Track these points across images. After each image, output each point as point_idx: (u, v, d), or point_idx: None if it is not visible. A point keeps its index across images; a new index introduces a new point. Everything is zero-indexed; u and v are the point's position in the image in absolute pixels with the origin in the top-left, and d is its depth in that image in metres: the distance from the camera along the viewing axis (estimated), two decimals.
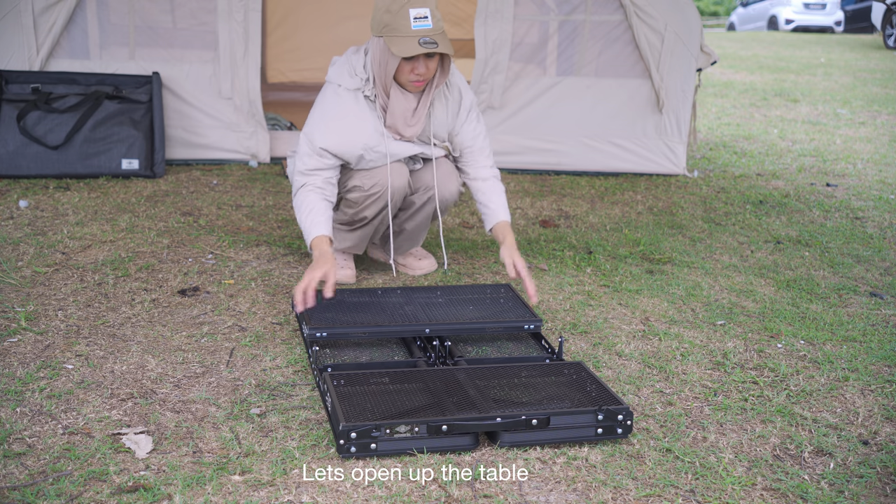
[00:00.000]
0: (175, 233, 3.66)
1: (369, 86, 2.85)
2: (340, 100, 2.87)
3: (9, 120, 4.36)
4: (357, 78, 2.86)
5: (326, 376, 2.24)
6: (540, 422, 2.09)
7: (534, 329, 2.65)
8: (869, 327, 2.99)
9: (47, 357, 2.47)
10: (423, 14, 2.67)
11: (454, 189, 3.04)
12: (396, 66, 2.75)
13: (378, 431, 2.02)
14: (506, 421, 2.08)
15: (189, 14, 4.71)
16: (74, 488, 1.86)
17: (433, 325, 2.59)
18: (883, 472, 2.08)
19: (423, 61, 2.75)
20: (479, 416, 2.09)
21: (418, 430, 2.05)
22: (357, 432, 2.00)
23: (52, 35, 4.50)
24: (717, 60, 5.10)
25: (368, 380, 2.27)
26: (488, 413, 2.10)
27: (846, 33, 19.99)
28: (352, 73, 2.87)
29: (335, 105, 2.87)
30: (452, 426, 2.05)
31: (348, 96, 2.86)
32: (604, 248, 3.75)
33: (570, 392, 2.25)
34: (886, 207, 4.72)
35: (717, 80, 10.52)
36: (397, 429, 2.04)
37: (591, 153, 5.11)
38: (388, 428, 2.03)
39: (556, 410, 2.13)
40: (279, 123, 5.21)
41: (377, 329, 2.57)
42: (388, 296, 2.82)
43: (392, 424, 2.03)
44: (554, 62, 5.03)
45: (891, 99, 9.19)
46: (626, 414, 2.13)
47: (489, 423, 2.08)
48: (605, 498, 1.92)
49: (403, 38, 2.67)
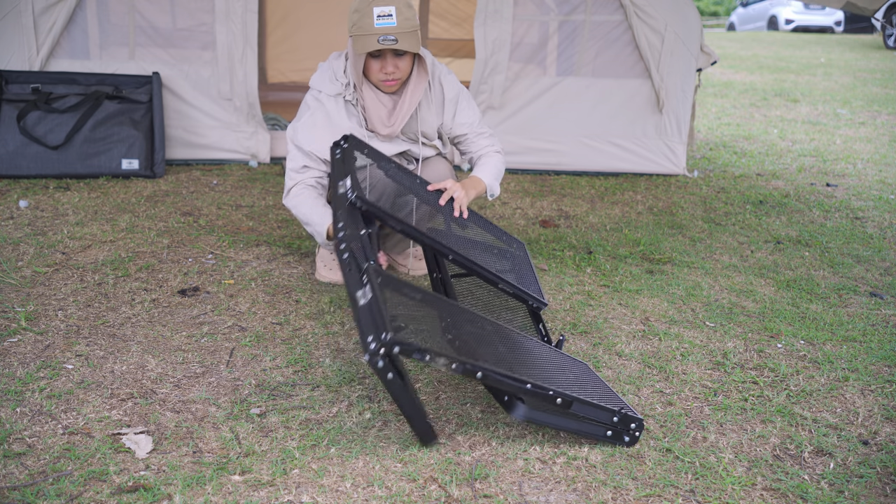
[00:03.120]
0: (175, 233, 3.66)
1: (349, 90, 2.87)
2: (321, 106, 2.88)
3: (9, 120, 4.36)
4: (338, 83, 2.88)
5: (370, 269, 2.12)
6: (564, 402, 2.07)
7: (536, 307, 2.65)
8: (869, 327, 2.99)
9: (47, 357, 2.47)
10: (388, 12, 2.67)
11: None
12: (363, 64, 2.77)
13: (420, 354, 1.90)
14: (534, 390, 2.04)
15: (188, 14, 4.71)
16: (74, 488, 1.86)
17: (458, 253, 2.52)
18: (883, 472, 2.08)
19: (390, 60, 2.76)
20: (512, 375, 2.03)
21: (455, 367, 1.95)
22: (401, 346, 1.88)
23: (53, 35, 4.50)
24: (717, 60, 5.11)
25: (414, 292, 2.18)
26: (520, 377, 2.04)
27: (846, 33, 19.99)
28: (332, 79, 2.89)
29: (316, 111, 2.89)
30: (487, 376, 1.98)
31: (329, 102, 2.88)
32: (604, 248, 3.75)
33: (593, 388, 2.25)
34: (886, 207, 4.72)
35: (717, 80, 10.52)
36: (437, 359, 1.93)
37: (591, 153, 5.11)
38: (429, 354, 1.91)
39: (581, 398, 2.10)
40: (279, 123, 5.22)
41: (408, 227, 2.47)
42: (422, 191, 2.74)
43: (436, 353, 1.92)
44: (554, 62, 5.03)
45: (891, 99, 9.19)
46: (639, 425, 2.14)
47: (519, 385, 2.02)
48: (605, 498, 1.92)
49: (366, 35, 2.69)
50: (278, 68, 7.10)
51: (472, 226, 2.79)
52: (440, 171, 3.03)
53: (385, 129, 2.89)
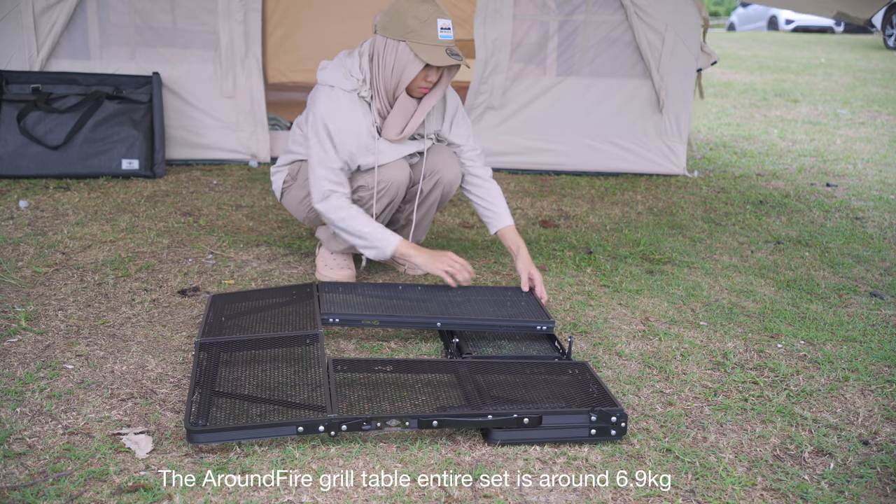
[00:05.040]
0: (175, 233, 3.66)
1: (365, 87, 2.87)
2: (335, 101, 2.87)
3: (9, 120, 4.36)
4: (353, 79, 2.87)
5: (330, 363, 2.31)
6: (532, 420, 2.10)
7: (546, 330, 2.66)
8: (869, 327, 2.99)
9: (47, 357, 2.47)
10: (448, 25, 2.76)
11: (458, 171, 3.06)
12: (416, 71, 2.77)
13: (369, 425, 2.04)
14: (497, 419, 2.09)
15: (189, 14, 4.71)
16: (74, 488, 1.86)
17: (444, 318, 2.63)
18: (883, 472, 2.08)
19: (434, 70, 2.80)
20: (471, 412, 2.10)
21: (409, 424, 2.06)
22: (348, 424, 2.04)
23: (53, 35, 4.50)
24: (717, 61, 5.11)
25: (371, 367, 2.32)
26: (480, 410, 2.11)
27: (846, 33, 19.99)
28: (346, 75, 2.88)
29: (335, 97, 2.88)
30: (444, 422, 2.07)
31: (343, 97, 2.87)
32: (604, 248, 3.75)
33: (571, 391, 2.26)
34: (886, 207, 4.72)
35: (717, 80, 10.52)
36: (388, 422, 2.06)
37: (591, 153, 5.11)
38: (378, 421, 2.05)
39: (549, 410, 2.14)
40: (279, 123, 5.21)
41: (389, 318, 2.63)
42: (408, 292, 2.88)
43: (384, 418, 2.06)
44: (554, 62, 5.03)
45: (891, 99, 9.19)
46: (620, 416, 2.13)
47: (480, 420, 2.09)
48: (605, 498, 1.92)
49: (431, 46, 2.73)
50: (278, 68, 7.10)
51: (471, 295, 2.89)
52: (449, 154, 3.05)
53: (399, 134, 2.91)
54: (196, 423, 2.03)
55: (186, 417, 2.04)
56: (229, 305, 2.78)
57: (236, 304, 2.80)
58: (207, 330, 2.57)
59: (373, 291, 2.87)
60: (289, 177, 3.15)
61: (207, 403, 2.14)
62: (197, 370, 2.30)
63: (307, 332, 2.51)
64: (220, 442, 2.02)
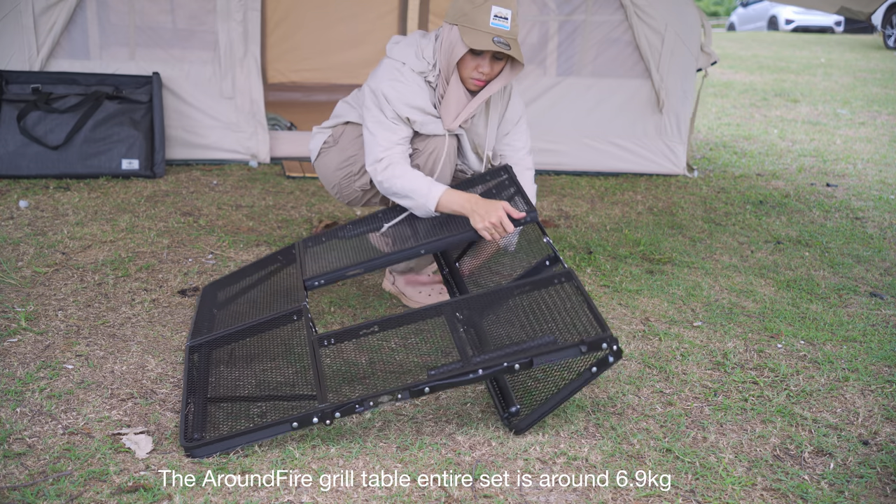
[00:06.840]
0: (175, 233, 3.66)
1: (434, 72, 2.77)
2: (402, 75, 2.75)
3: (9, 120, 4.36)
4: (424, 61, 2.76)
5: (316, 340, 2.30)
6: (522, 365, 2.08)
7: (529, 220, 2.62)
8: (869, 327, 2.99)
9: (47, 357, 2.47)
10: (505, 15, 2.64)
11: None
12: (462, 55, 2.67)
13: (361, 406, 2.06)
14: (487, 371, 2.08)
15: (189, 14, 4.71)
16: (74, 488, 1.86)
17: (427, 244, 2.57)
18: (883, 472, 2.08)
19: (489, 61, 2.69)
20: (460, 370, 2.09)
21: (401, 396, 2.08)
22: (341, 411, 2.05)
23: (53, 35, 4.50)
24: (717, 60, 5.11)
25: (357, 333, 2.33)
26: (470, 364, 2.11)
27: (846, 33, 19.98)
28: (419, 56, 2.77)
29: (398, 76, 2.76)
30: (435, 386, 2.08)
31: (410, 76, 2.76)
32: (604, 248, 3.75)
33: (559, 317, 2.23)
34: (886, 207, 4.72)
35: (717, 80, 10.52)
36: (379, 399, 2.07)
37: (591, 153, 5.11)
38: (370, 400, 2.06)
39: (538, 350, 2.10)
40: (279, 123, 5.21)
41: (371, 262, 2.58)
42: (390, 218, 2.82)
43: (374, 396, 2.07)
44: (554, 62, 5.03)
45: (891, 99, 9.19)
46: (610, 339, 2.06)
47: (472, 377, 2.09)
48: (605, 498, 1.92)
49: (479, 31, 2.63)
50: (278, 68, 7.10)
51: None
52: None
53: (453, 121, 2.80)
54: (192, 438, 2.04)
55: (181, 434, 2.05)
56: (221, 292, 2.79)
57: (227, 289, 2.81)
58: (196, 330, 2.58)
59: (354, 230, 2.79)
60: (331, 139, 3.01)
61: (202, 413, 2.14)
62: (188, 378, 2.31)
63: (292, 309, 2.46)
64: (218, 453, 2.02)
